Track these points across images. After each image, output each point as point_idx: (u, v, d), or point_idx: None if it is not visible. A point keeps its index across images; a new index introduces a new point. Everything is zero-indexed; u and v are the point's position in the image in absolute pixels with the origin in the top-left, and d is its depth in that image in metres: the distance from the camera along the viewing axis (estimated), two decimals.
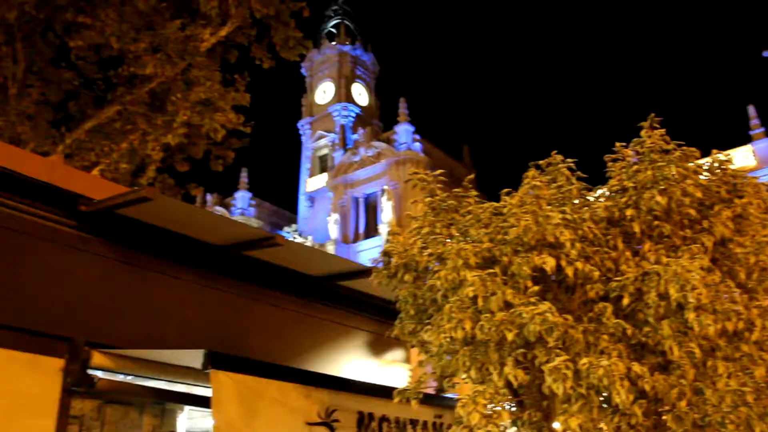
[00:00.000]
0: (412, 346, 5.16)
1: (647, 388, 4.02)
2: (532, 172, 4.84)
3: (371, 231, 42.98)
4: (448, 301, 4.27)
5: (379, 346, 8.53)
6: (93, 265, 5.83)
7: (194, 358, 4.82)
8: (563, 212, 4.25)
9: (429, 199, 5.11)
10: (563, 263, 4.18)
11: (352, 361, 8.04)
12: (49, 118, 14.63)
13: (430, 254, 4.59)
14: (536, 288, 4.20)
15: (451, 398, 7.01)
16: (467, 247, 4.29)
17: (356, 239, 43.23)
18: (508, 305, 4.12)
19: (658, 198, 4.29)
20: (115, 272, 5.97)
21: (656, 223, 4.50)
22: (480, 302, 4.11)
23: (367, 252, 39.15)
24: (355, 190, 45.00)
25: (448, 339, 4.18)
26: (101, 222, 5.86)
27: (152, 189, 5.49)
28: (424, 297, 4.76)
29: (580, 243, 4.23)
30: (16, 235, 5.36)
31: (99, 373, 5.32)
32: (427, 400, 6.26)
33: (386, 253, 4.93)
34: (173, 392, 5.87)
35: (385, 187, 42.77)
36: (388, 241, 5.01)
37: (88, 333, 5.42)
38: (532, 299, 4.10)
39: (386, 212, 41.13)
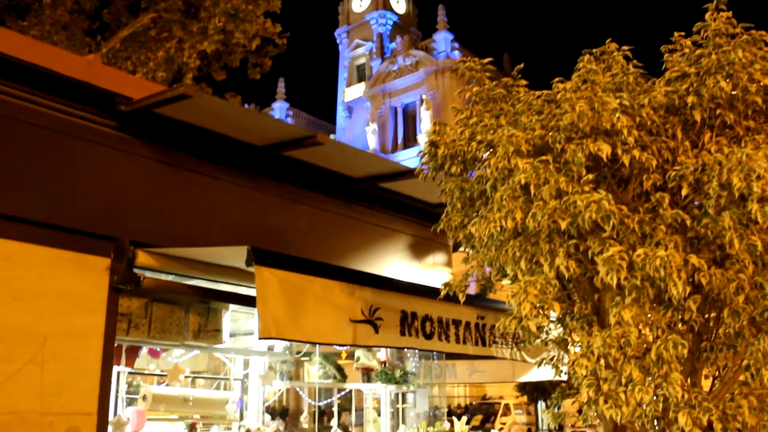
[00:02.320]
0: (457, 242, 5.06)
1: (704, 281, 3.88)
2: (586, 57, 4.59)
3: (410, 141, 42.68)
4: (499, 190, 4.13)
5: (420, 249, 8.50)
6: (134, 166, 5.79)
7: (238, 254, 4.80)
8: (620, 98, 4.03)
9: (477, 88, 4.90)
10: (619, 151, 3.98)
11: (393, 264, 8.03)
12: (84, 27, 14.55)
13: (480, 142, 4.42)
14: (590, 176, 4.02)
15: (494, 300, 6.99)
16: (519, 133, 4.10)
17: (395, 149, 43.03)
18: (560, 194, 3.97)
19: (723, 84, 4.02)
20: (156, 173, 5.94)
21: (719, 111, 4.24)
22: (532, 190, 3.97)
23: (406, 162, 38.99)
24: (393, 99, 44.49)
25: (498, 229, 4.06)
26: (141, 122, 5.79)
27: (191, 86, 5.37)
28: (471, 189, 4.61)
29: (637, 131, 4.01)
30: (56, 136, 5.33)
31: (145, 273, 5.36)
32: (469, 301, 6.23)
33: (433, 144, 4.76)
34: (218, 291, 5.92)
35: (424, 96, 42.17)
36: (434, 132, 4.84)
37: (132, 233, 5.44)
38: (586, 188, 3.94)
39: (425, 122, 40.70)
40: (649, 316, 4.02)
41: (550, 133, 4.17)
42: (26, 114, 5.16)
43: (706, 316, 4.44)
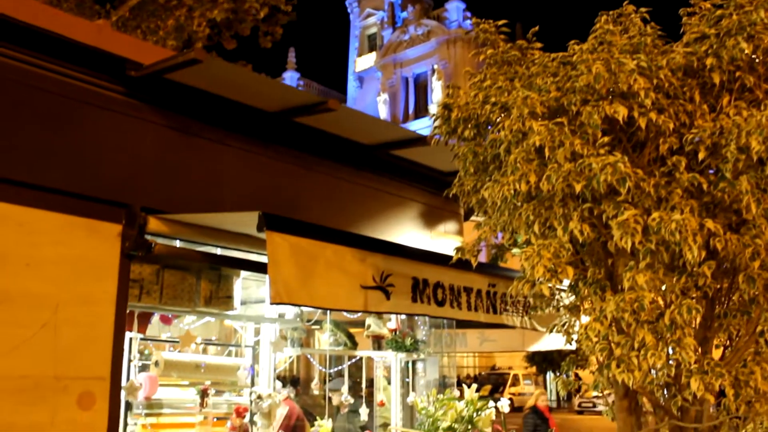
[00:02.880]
0: (470, 207, 5.02)
1: (719, 246, 3.84)
2: (603, 18, 4.50)
3: (421, 111, 42.54)
4: (513, 153, 4.08)
5: (431, 217, 8.49)
6: (145, 132, 5.78)
7: (249, 220, 4.79)
8: (637, 59, 3.95)
9: (491, 50, 4.82)
10: (635, 114, 3.91)
11: (404, 232, 8.02)
12: None
13: (494, 104, 4.36)
14: (606, 139, 3.97)
15: (505, 268, 6.97)
16: (533, 95, 4.03)
17: (406, 119, 42.90)
18: (575, 157, 3.91)
19: (743, 45, 3.92)
20: (167, 139, 5.92)
21: (738, 74, 4.15)
22: (546, 153, 3.92)
23: (418, 132, 38.91)
24: (404, 69, 44.28)
25: (511, 192, 4.02)
26: (151, 88, 5.76)
27: (201, 51, 5.32)
28: (485, 153, 4.57)
29: (654, 93, 3.93)
30: (66, 102, 5.31)
31: (156, 240, 5.37)
32: (481, 268, 6.21)
33: (446, 106, 4.71)
34: (229, 257, 5.93)
35: (436, 66, 41.93)
36: (447, 95, 4.78)
37: (143, 199, 5.45)
38: (602, 151, 3.89)
39: (436, 92, 40.49)
40: (662, 282, 3.99)
41: (566, 95, 4.11)
42: (36, 80, 5.14)
43: (719, 286, 4.40)
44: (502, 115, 4.29)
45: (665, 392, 4.48)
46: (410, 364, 8.43)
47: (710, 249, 3.97)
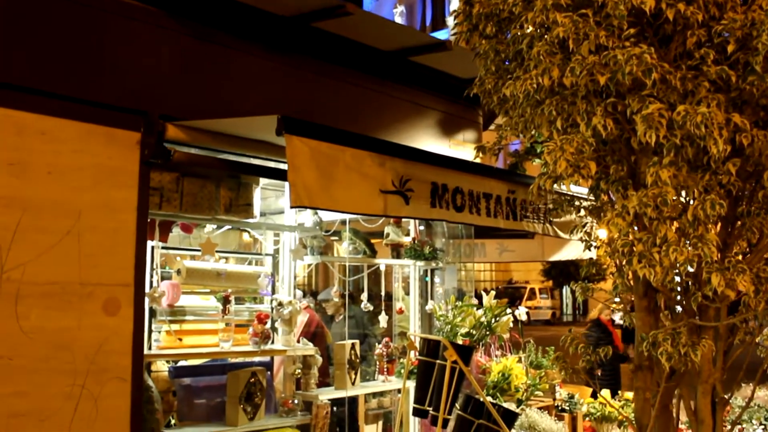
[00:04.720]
0: (490, 109, 4.95)
1: (745, 142, 3.78)
2: None
3: (438, 24, 41.61)
4: (536, 47, 3.98)
5: (450, 126, 8.42)
6: (162, 40, 5.73)
7: (268, 124, 4.75)
8: None
9: None
10: (663, 5, 3.79)
11: (423, 141, 7.97)
12: None
13: None
14: (632, 31, 3.86)
15: (524, 175, 6.93)
16: None
17: (423, 32, 42.11)
18: (600, 50, 3.82)
19: None
20: (184, 47, 5.88)
21: None
22: (570, 46, 3.82)
23: None
24: None
25: (534, 86, 3.95)
26: None
27: None
28: (506, 51, 4.48)
29: None
30: (84, 9, 5.25)
31: (175, 147, 5.37)
32: (500, 174, 6.19)
33: (467, 1, 4.59)
34: (248, 164, 5.94)
35: None
36: None
37: (161, 107, 5.44)
38: (627, 43, 3.79)
39: (454, 3, 39.52)
40: (685, 181, 3.95)
41: None
42: None
43: (742, 184, 4.35)
44: (525, 8, 4.17)
45: (684, 293, 4.50)
46: (428, 275, 8.50)
47: (736, 147, 3.91)
